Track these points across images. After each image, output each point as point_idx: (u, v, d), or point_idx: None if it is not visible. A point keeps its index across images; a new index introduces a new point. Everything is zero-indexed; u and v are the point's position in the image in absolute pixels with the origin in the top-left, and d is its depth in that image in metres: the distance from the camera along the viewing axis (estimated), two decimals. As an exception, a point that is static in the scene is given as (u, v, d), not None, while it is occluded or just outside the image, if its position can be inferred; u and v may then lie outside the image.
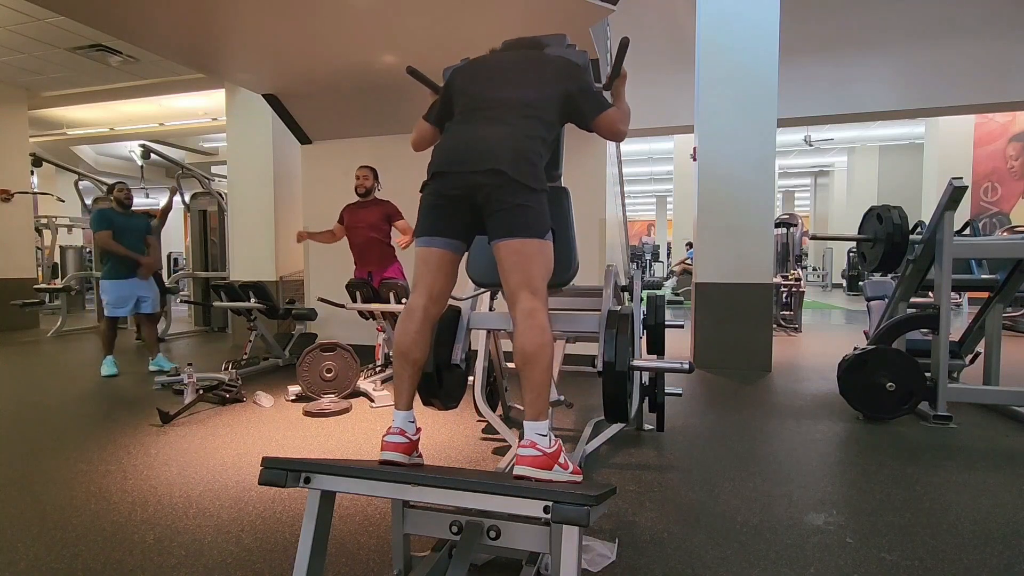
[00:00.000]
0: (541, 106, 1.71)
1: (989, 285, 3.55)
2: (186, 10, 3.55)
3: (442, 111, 1.90)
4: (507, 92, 1.72)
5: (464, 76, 1.84)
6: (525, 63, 1.82)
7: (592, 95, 1.79)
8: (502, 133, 1.62)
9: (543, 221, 1.62)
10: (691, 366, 2.09)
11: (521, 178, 1.56)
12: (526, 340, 1.52)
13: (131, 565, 1.72)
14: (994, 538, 1.84)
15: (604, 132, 1.82)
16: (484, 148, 1.59)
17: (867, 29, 6.28)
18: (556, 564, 1.19)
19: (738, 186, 4.59)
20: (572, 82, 1.77)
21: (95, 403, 3.77)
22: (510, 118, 1.66)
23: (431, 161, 1.68)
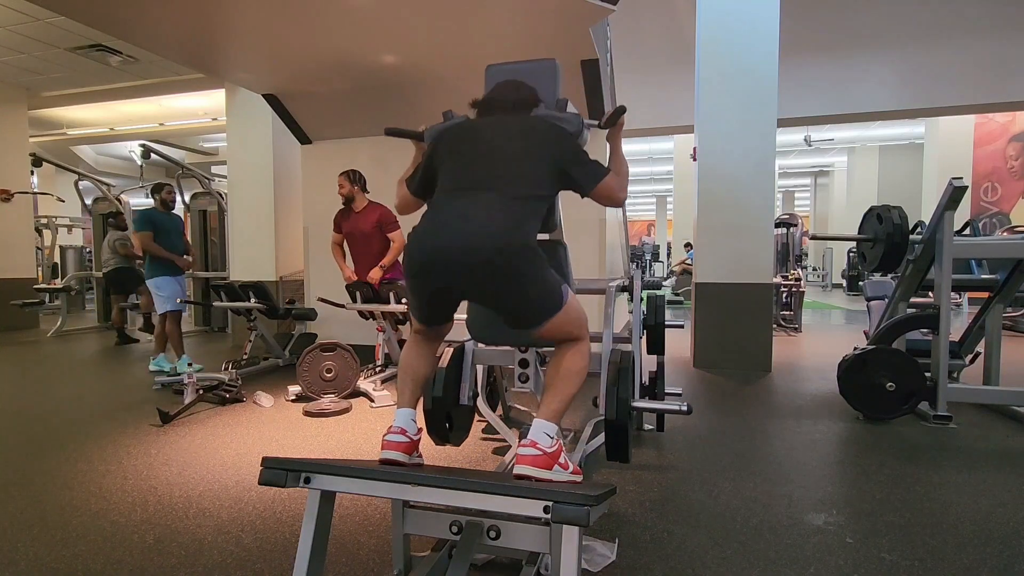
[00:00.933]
0: (533, 183, 1.58)
1: (989, 285, 3.55)
2: (186, 10, 3.55)
3: (423, 181, 1.76)
4: (492, 170, 1.57)
5: (446, 146, 1.71)
6: (512, 134, 1.65)
7: (587, 166, 1.66)
8: (487, 225, 1.46)
9: (555, 292, 1.54)
10: (689, 408, 2.12)
11: (516, 273, 1.46)
12: (568, 359, 1.58)
13: (131, 565, 1.72)
14: (994, 538, 1.84)
15: (602, 201, 1.71)
16: (468, 247, 1.44)
17: (867, 29, 6.28)
18: (556, 564, 1.19)
19: (738, 186, 4.59)
20: (564, 155, 1.64)
21: (95, 403, 3.77)
22: (496, 202, 1.50)
23: (408, 252, 1.54)
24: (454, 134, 1.73)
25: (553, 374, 1.59)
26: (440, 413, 2.16)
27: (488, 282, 1.47)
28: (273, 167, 6.30)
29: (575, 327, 1.59)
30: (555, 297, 1.54)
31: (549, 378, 1.60)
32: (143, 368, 4.98)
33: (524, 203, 1.53)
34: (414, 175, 1.82)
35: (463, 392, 2.25)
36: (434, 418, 2.15)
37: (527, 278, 1.48)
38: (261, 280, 5.30)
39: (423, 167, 1.77)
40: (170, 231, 4.77)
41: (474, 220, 1.47)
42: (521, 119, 1.71)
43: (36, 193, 9.00)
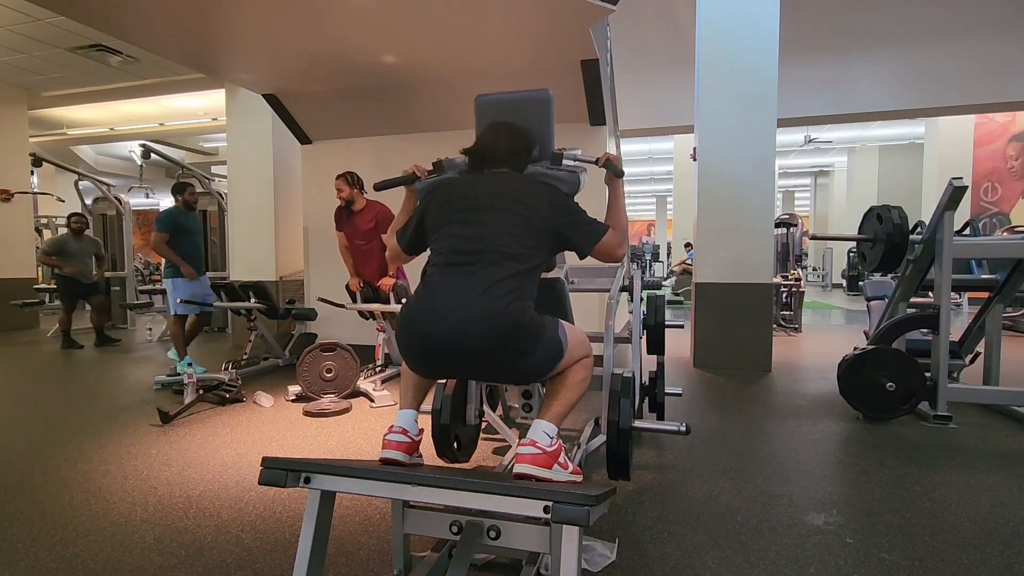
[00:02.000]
0: (529, 255, 1.54)
1: (989, 285, 3.55)
2: (186, 10, 3.55)
3: (414, 239, 1.73)
4: (487, 240, 1.52)
5: (440, 206, 1.65)
6: (507, 197, 1.59)
7: (584, 228, 1.62)
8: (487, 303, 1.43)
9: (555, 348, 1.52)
10: (688, 428, 2.12)
11: (513, 350, 1.46)
12: (572, 373, 1.58)
13: (131, 565, 1.72)
14: (994, 538, 1.84)
15: (601, 259, 1.67)
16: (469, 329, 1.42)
17: (867, 29, 6.28)
18: (556, 564, 1.19)
19: (738, 186, 4.59)
20: (560, 220, 1.60)
21: (95, 403, 3.76)
22: (491, 276, 1.46)
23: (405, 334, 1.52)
24: (445, 194, 1.68)
25: (557, 382, 1.59)
26: (448, 436, 2.20)
27: (488, 364, 1.48)
28: (273, 167, 6.30)
29: (578, 357, 1.60)
30: (556, 352, 1.52)
31: (553, 386, 1.60)
32: (143, 368, 4.98)
33: (519, 278, 1.49)
34: (405, 230, 1.76)
35: (469, 413, 2.29)
36: (442, 442, 2.19)
37: (527, 352, 1.48)
38: (261, 280, 5.30)
39: (415, 225, 1.72)
40: (192, 232, 4.73)
41: (469, 305, 1.44)
42: (515, 181, 1.67)
43: (36, 193, 9.00)
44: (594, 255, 1.66)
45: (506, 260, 1.50)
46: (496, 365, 1.49)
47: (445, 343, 1.45)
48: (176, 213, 4.65)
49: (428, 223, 1.66)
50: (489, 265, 1.49)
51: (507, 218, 1.55)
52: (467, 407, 2.29)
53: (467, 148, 1.78)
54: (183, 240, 4.61)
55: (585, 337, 1.65)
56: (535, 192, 1.62)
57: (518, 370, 1.52)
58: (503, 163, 1.71)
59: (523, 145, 1.74)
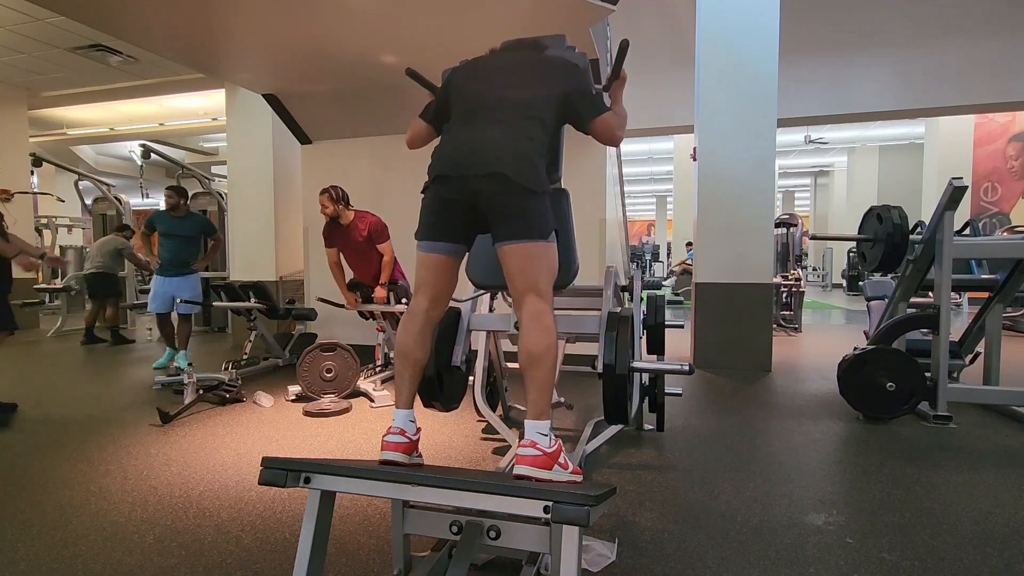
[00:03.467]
0: (540, 107, 1.69)
1: (989, 285, 3.54)
2: (186, 10, 3.55)
3: (439, 110, 1.88)
4: (506, 93, 1.70)
5: (462, 76, 1.83)
6: (524, 64, 1.80)
7: (590, 97, 1.77)
8: (502, 135, 1.61)
9: (546, 223, 1.61)
10: (691, 368, 2.10)
11: (523, 181, 1.55)
12: (532, 341, 1.54)
13: (131, 565, 1.72)
14: (994, 538, 1.84)
15: (600, 136, 1.80)
16: (484, 151, 1.58)
17: (867, 29, 6.28)
18: (556, 564, 1.19)
19: (738, 186, 4.59)
20: (571, 83, 1.75)
21: (95, 403, 3.76)
22: (510, 119, 1.64)
23: (431, 165, 1.66)
24: (469, 67, 1.86)
25: (523, 362, 1.55)
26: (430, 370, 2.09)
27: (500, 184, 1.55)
28: (273, 167, 6.30)
29: (544, 273, 1.60)
30: (544, 226, 1.60)
31: (521, 366, 1.56)
32: (143, 368, 4.98)
33: (533, 126, 1.65)
34: (429, 106, 1.93)
35: (456, 355, 2.22)
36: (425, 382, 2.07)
37: (533, 192, 1.57)
38: (261, 280, 5.30)
39: (438, 98, 1.89)
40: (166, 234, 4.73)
41: (490, 135, 1.61)
42: (533, 54, 1.85)
43: (36, 193, 9.00)
44: (594, 128, 1.78)
45: (523, 110, 1.66)
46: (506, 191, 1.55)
47: (466, 159, 1.59)
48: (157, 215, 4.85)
49: (452, 91, 1.81)
50: (508, 112, 1.65)
51: (525, 78, 1.74)
52: (455, 348, 2.23)
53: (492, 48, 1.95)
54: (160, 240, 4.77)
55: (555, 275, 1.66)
56: (552, 59, 1.82)
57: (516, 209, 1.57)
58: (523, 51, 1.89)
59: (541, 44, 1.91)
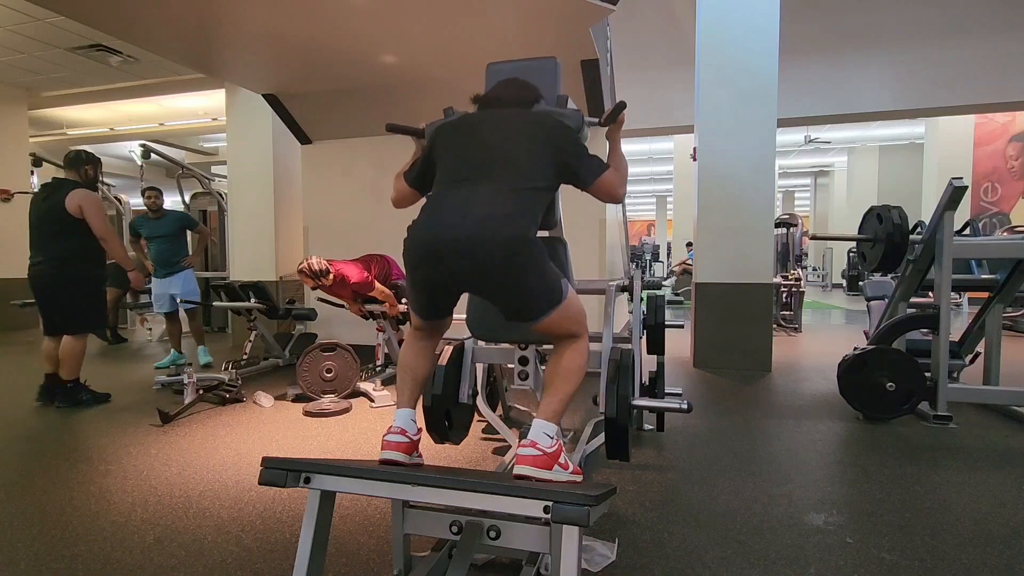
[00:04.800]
0: (533, 175, 1.56)
1: (989, 285, 3.54)
2: (186, 10, 3.55)
3: (421, 174, 1.76)
4: (492, 162, 1.56)
5: (446, 139, 1.70)
6: (513, 127, 1.65)
7: (587, 161, 1.65)
8: (487, 217, 1.45)
9: (556, 287, 1.53)
10: (689, 406, 2.11)
11: (515, 264, 1.45)
12: (568, 358, 1.57)
13: (131, 565, 1.72)
14: (994, 538, 1.84)
15: (601, 196, 1.71)
16: (468, 238, 1.43)
17: (867, 29, 6.28)
18: (556, 564, 1.19)
19: (738, 186, 4.59)
20: (565, 149, 1.63)
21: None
22: (496, 194, 1.49)
23: (408, 245, 1.53)
24: (454, 127, 1.72)
25: (552, 373, 1.59)
26: (439, 411, 2.16)
27: (489, 273, 1.46)
28: (273, 167, 6.30)
29: (574, 324, 1.59)
30: (555, 291, 1.53)
31: (548, 377, 1.60)
32: (143, 368, 4.98)
33: (524, 194, 1.52)
34: (412, 167, 1.81)
35: (462, 390, 2.26)
36: (434, 416, 2.16)
37: (527, 270, 1.47)
38: (261, 280, 5.30)
39: (422, 160, 1.77)
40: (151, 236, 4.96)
41: (474, 211, 1.46)
42: (522, 113, 1.72)
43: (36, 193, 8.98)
44: (595, 190, 1.68)
45: (512, 177, 1.53)
46: (496, 276, 1.47)
47: (449, 244, 1.45)
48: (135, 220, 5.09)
49: (435, 155, 1.70)
50: (495, 180, 1.52)
51: (514, 142, 1.61)
52: (461, 384, 2.25)
53: (476, 95, 1.82)
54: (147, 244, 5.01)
55: (584, 314, 1.63)
56: (542, 121, 1.67)
57: (513, 291, 1.50)
58: (511, 106, 1.76)
59: (531, 92, 1.80)
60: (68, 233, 3.66)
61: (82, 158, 3.82)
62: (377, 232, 4.24)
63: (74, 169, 3.81)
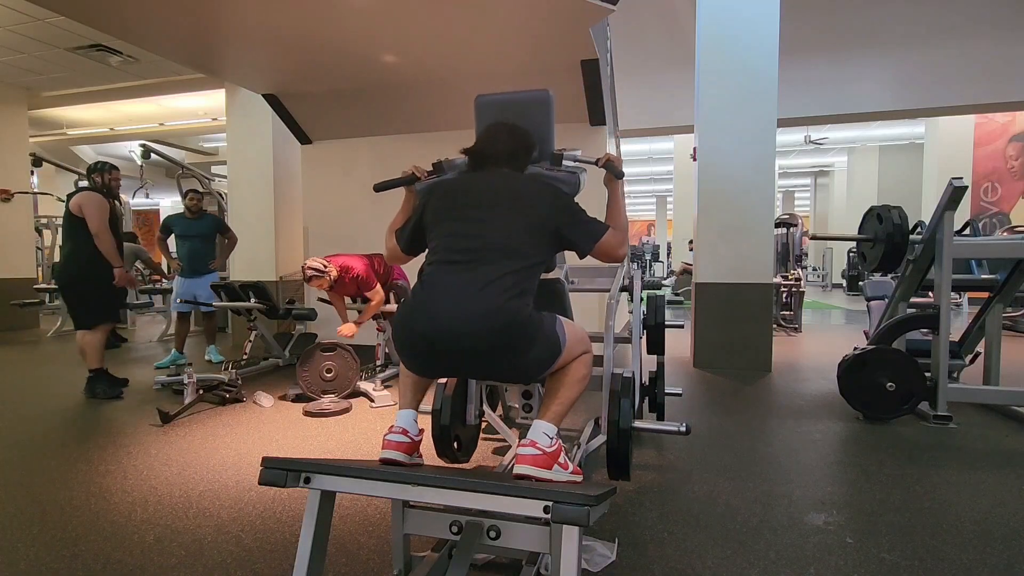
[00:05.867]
0: (529, 255, 1.52)
1: (989, 285, 3.55)
2: (186, 10, 3.55)
3: (412, 238, 1.72)
4: (486, 239, 1.51)
5: (438, 205, 1.65)
6: (507, 197, 1.59)
7: (584, 227, 1.61)
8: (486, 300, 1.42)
9: (554, 344, 1.51)
10: (688, 428, 2.11)
11: (512, 347, 1.44)
12: (572, 369, 1.58)
13: (131, 565, 1.72)
14: (994, 538, 1.84)
15: (602, 259, 1.66)
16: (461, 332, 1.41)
17: (867, 29, 6.28)
18: (556, 564, 1.19)
19: (738, 186, 4.59)
20: (561, 219, 1.58)
21: (95, 403, 3.76)
22: (491, 275, 1.45)
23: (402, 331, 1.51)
24: (446, 192, 1.67)
25: (556, 379, 1.59)
26: (448, 437, 2.21)
27: (485, 360, 1.46)
28: (273, 167, 6.30)
29: (576, 352, 1.59)
30: (554, 349, 1.52)
31: (551, 383, 1.60)
32: (143, 368, 4.98)
33: (520, 274, 1.48)
34: (404, 229, 1.75)
35: (469, 413, 2.30)
36: (443, 443, 2.20)
37: (525, 349, 1.46)
38: (261, 280, 5.30)
39: (413, 224, 1.71)
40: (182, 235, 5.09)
41: (466, 302, 1.42)
42: (514, 180, 1.66)
43: (36, 193, 8.99)
44: (594, 255, 1.64)
45: (505, 257, 1.48)
46: (494, 363, 1.47)
47: (442, 341, 1.43)
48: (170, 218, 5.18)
49: (427, 221, 1.65)
50: (488, 263, 1.47)
51: (507, 216, 1.54)
52: (467, 407, 2.30)
53: (467, 148, 1.77)
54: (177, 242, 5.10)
55: (584, 334, 1.64)
56: (535, 191, 1.62)
57: (516, 368, 1.51)
58: (503, 163, 1.70)
59: (523, 145, 1.74)
60: (75, 234, 3.82)
61: (95, 167, 4.09)
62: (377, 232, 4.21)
63: (88, 177, 4.11)
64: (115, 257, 3.83)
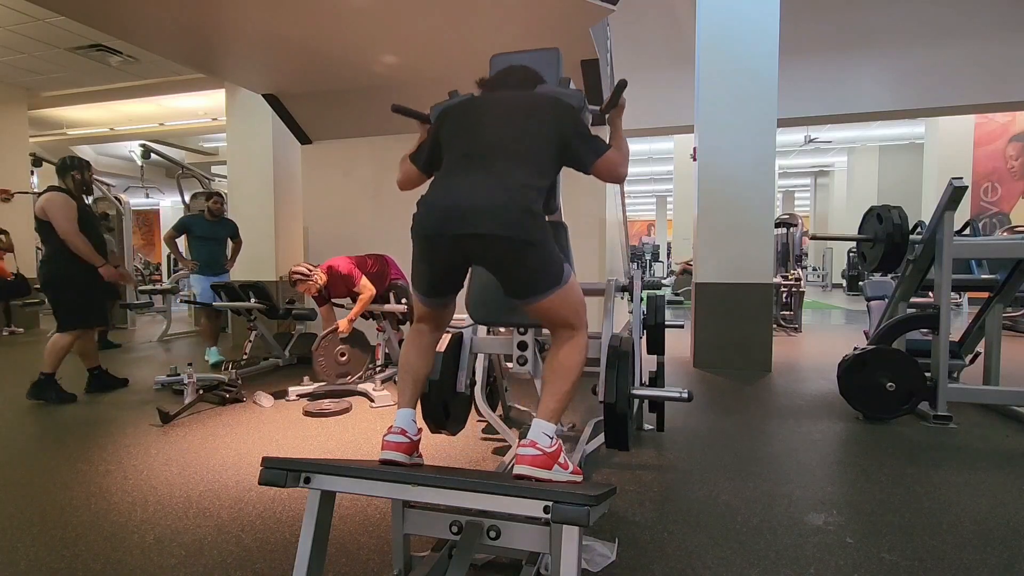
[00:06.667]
0: (536, 155, 1.60)
1: (989, 285, 3.54)
2: (186, 10, 3.55)
3: (430, 156, 1.78)
4: (499, 140, 1.60)
5: (452, 120, 1.73)
6: (517, 107, 1.69)
7: (589, 140, 1.68)
8: (496, 188, 1.50)
9: (557, 267, 1.54)
10: (690, 395, 2.10)
11: (522, 235, 1.46)
12: (564, 353, 1.57)
13: (131, 565, 1.72)
14: (994, 538, 1.84)
15: (603, 176, 1.72)
16: (477, 208, 1.47)
17: (867, 29, 6.28)
18: (556, 564, 1.19)
19: (738, 186, 4.59)
20: (568, 127, 1.65)
21: (95, 403, 3.76)
22: (503, 169, 1.53)
23: (419, 219, 1.55)
24: (460, 109, 1.76)
25: (550, 371, 1.58)
26: (437, 399, 2.15)
27: (495, 244, 1.48)
28: (273, 167, 6.31)
29: (572, 312, 1.59)
30: (557, 270, 1.54)
31: (546, 375, 1.59)
32: (143, 368, 4.98)
33: (530, 172, 1.56)
34: (419, 150, 1.85)
35: (460, 380, 2.25)
36: (431, 404, 2.14)
37: (532, 244, 1.48)
38: (261, 280, 5.31)
39: (429, 142, 1.80)
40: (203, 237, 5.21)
41: (482, 186, 1.51)
42: (526, 94, 1.76)
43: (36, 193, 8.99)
44: (597, 170, 1.69)
45: (518, 156, 1.57)
46: (502, 246, 1.47)
47: (459, 215, 1.48)
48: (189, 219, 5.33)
49: (442, 137, 1.72)
50: (502, 159, 1.55)
51: (519, 123, 1.64)
52: (459, 373, 2.25)
53: (482, 79, 1.87)
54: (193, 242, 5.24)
55: (584, 305, 1.63)
56: (546, 101, 1.70)
57: (518, 264, 1.50)
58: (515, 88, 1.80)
59: (535, 75, 1.84)
60: (48, 237, 3.71)
61: (66, 164, 3.84)
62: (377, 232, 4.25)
63: (60, 177, 3.83)
64: (94, 256, 3.73)
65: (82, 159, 3.93)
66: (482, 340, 2.35)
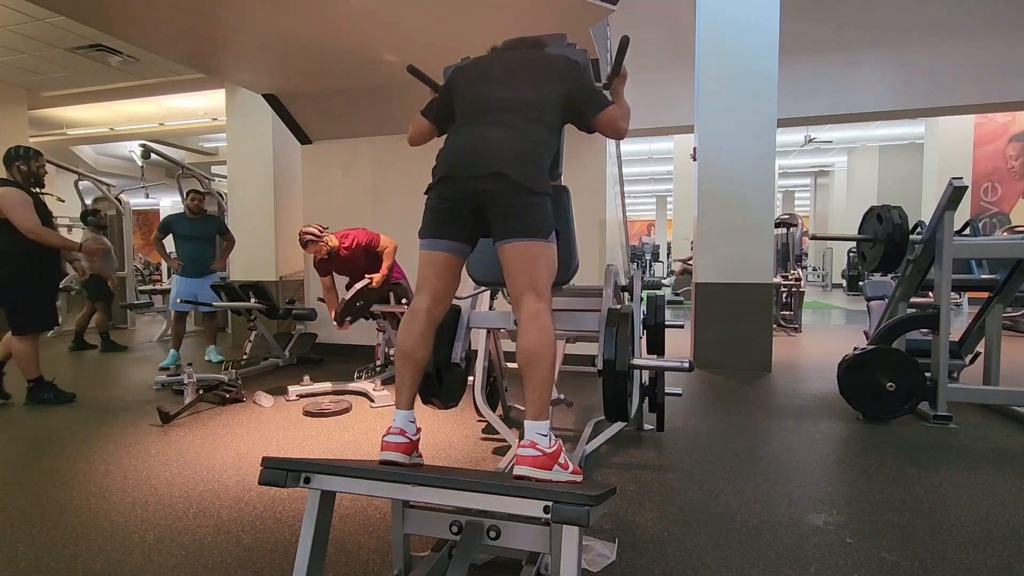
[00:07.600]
0: (543, 107, 1.71)
1: (989, 285, 3.54)
2: (186, 10, 3.55)
3: (441, 110, 1.89)
4: (509, 93, 1.71)
5: (465, 76, 1.83)
6: (526, 63, 1.81)
7: (592, 92, 1.80)
8: (505, 136, 1.62)
9: (547, 223, 1.62)
10: (691, 365, 2.10)
11: (525, 181, 1.57)
12: (531, 340, 1.53)
13: (131, 565, 1.72)
14: (994, 538, 1.84)
15: (605, 130, 1.81)
16: (488, 152, 1.60)
17: (867, 29, 6.28)
18: (556, 564, 1.19)
19: (738, 186, 4.59)
20: (573, 81, 1.76)
21: (95, 403, 3.76)
22: (513, 120, 1.66)
23: (436, 166, 1.68)
24: (471, 67, 1.86)
25: (523, 362, 1.54)
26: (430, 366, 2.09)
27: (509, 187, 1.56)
28: (273, 167, 6.30)
29: (543, 271, 1.60)
30: (547, 228, 1.61)
31: (521, 367, 1.55)
32: (143, 368, 4.98)
33: (539, 124, 1.68)
34: (431, 106, 1.94)
35: (456, 352, 2.22)
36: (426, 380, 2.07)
37: (538, 195, 1.59)
38: (261, 280, 5.31)
39: (440, 98, 1.91)
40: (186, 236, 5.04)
41: (502, 135, 1.63)
42: (536, 52, 1.87)
43: (36, 193, 8.98)
44: (599, 122, 1.78)
45: (526, 109, 1.68)
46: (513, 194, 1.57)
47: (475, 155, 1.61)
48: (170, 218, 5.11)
49: (454, 92, 1.83)
50: (511, 112, 1.67)
51: (527, 78, 1.75)
52: (455, 345, 2.23)
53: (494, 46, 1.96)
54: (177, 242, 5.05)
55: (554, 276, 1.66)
56: (552, 57, 1.83)
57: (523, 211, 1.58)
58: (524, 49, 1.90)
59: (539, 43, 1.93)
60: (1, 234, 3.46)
61: (10, 155, 3.59)
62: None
63: (7, 168, 3.59)
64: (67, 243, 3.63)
65: (29, 148, 3.69)
66: (479, 314, 2.33)
